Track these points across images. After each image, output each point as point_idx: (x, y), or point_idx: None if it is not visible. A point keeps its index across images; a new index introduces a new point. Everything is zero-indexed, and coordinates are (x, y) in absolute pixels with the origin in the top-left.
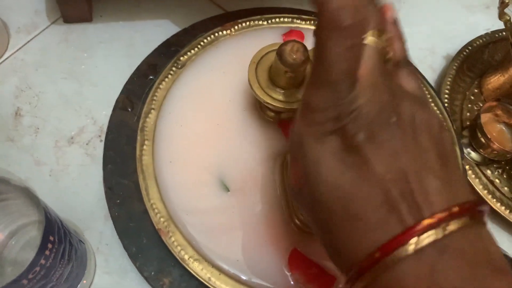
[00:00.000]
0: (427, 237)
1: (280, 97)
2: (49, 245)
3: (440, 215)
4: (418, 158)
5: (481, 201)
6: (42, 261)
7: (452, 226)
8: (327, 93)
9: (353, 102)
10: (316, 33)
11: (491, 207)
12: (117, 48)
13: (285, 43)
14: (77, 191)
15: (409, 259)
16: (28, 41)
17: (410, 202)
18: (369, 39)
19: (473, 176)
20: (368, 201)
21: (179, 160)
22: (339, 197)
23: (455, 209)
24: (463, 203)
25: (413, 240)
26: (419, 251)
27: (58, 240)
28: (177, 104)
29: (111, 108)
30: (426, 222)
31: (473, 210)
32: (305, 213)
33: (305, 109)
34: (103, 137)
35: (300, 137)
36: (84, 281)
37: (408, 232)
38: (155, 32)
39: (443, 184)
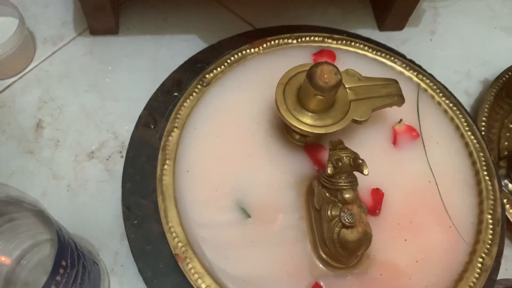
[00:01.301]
0: None
1: (308, 121)
2: (61, 270)
3: None
4: None
5: None
6: (53, 287)
7: None
8: None
9: None
10: None
11: None
12: (142, 62)
13: (316, 65)
14: (94, 208)
15: None
16: (54, 52)
17: None
18: None
19: (511, 210)
20: None
21: (201, 183)
22: None
23: None
24: None
25: None
26: None
27: (71, 264)
28: (200, 124)
29: (133, 124)
30: None
31: None
32: None
33: None
34: (124, 153)
35: None
36: None
37: None
38: (181, 47)
39: None
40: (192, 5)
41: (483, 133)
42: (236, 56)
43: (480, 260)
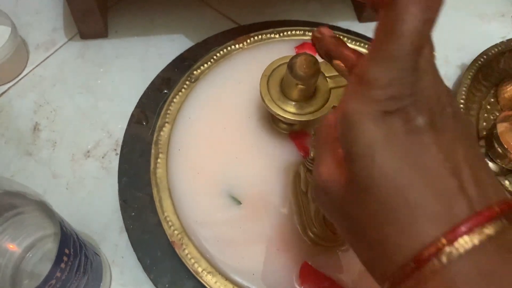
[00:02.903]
0: (493, 226)
1: (292, 109)
2: (65, 258)
3: (504, 206)
4: (473, 152)
5: None
6: (58, 274)
7: None
8: (392, 68)
9: (416, 82)
10: (389, 3)
11: None
12: (132, 63)
13: (295, 56)
14: (93, 203)
15: (476, 252)
16: (47, 58)
17: (469, 193)
18: None
19: None
20: (428, 189)
21: (193, 174)
22: (396, 184)
23: None
24: None
25: (479, 228)
26: (486, 243)
27: (74, 253)
28: (190, 118)
29: (126, 122)
30: (495, 209)
31: None
32: (332, 211)
33: (361, 84)
34: (118, 151)
35: (351, 117)
36: None
37: (475, 219)
38: (169, 46)
39: (494, 180)
40: (177, 6)
41: None
42: (221, 52)
43: None
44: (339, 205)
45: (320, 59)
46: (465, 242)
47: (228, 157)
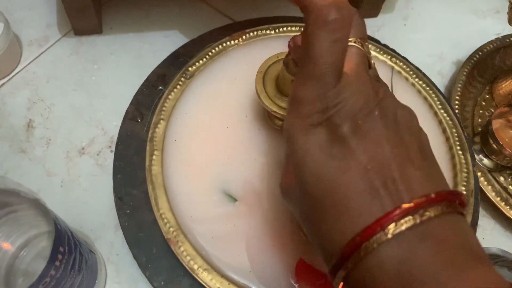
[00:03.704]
0: (406, 222)
1: None
2: (59, 256)
3: (418, 201)
4: (400, 150)
5: (459, 191)
6: (52, 272)
7: (430, 213)
8: (314, 86)
9: (338, 94)
10: (303, 30)
11: (505, 215)
12: (127, 59)
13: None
14: (88, 201)
15: (389, 244)
16: (40, 54)
17: (391, 190)
18: (355, 43)
19: (486, 183)
20: (350, 189)
21: (188, 171)
22: (324, 186)
23: (433, 196)
24: (440, 191)
25: (392, 224)
26: (399, 236)
27: (68, 251)
28: (185, 115)
29: (121, 119)
30: (405, 206)
31: (450, 199)
32: (293, 210)
33: (293, 103)
34: (113, 148)
35: (288, 132)
36: None
37: (388, 216)
38: (163, 42)
39: (423, 175)
40: (172, 2)
41: (456, 111)
42: (217, 48)
43: None
44: (293, 205)
45: None
46: (379, 237)
47: (224, 154)
